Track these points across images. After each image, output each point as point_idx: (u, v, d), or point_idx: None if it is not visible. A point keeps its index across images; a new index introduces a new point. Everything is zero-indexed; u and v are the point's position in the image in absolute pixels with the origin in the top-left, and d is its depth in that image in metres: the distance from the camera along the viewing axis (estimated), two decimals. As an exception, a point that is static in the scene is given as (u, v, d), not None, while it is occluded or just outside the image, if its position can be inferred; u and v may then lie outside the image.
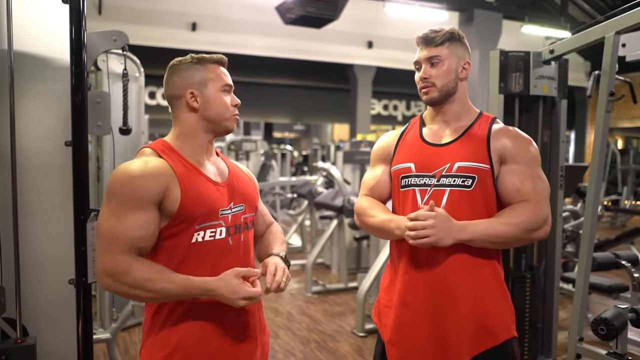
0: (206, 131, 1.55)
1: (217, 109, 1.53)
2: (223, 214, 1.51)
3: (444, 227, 1.56)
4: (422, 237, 1.56)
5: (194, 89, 1.52)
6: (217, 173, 1.57)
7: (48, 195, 1.95)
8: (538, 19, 10.32)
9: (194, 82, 1.53)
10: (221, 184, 1.55)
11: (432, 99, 1.74)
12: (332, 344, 4.22)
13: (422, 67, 1.74)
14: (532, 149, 1.73)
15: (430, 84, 1.72)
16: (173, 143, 1.54)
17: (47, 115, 1.95)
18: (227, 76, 1.58)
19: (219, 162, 1.63)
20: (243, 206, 1.59)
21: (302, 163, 15.11)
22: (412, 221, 1.58)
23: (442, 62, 1.71)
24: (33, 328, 1.90)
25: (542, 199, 1.67)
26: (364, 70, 12.80)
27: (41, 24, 1.93)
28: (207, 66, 1.54)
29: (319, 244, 5.97)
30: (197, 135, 1.55)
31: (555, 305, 3.02)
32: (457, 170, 1.67)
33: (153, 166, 1.44)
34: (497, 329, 1.68)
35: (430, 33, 1.73)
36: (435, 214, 1.56)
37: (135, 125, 3.84)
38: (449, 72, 1.72)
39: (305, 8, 6.54)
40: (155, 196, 1.41)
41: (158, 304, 1.49)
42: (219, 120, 1.55)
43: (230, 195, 1.56)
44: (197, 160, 1.53)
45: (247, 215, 1.61)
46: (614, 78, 2.51)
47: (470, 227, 1.60)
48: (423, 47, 1.74)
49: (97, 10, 8.76)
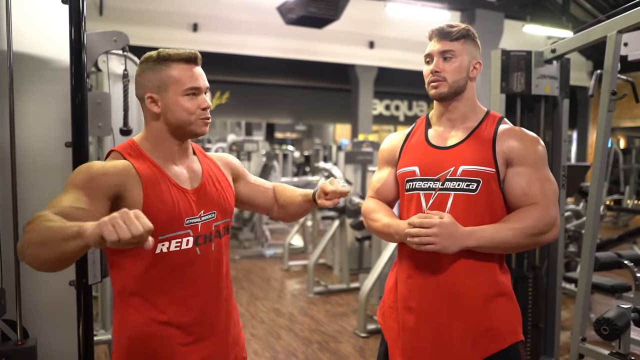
0: (173, 136, 1.46)
1: (179, 115, 1.42)
2: (190, 223, 1.44)
3: (449, 234, 1.53)
4: (425, 244, 1.54)
5: (153, 93, 1.43)
6: (188, 178, 1.49)
7: (48, 197, 1.93)
8: (540, 18, 10.29)
9: (153, 85, 1.42)
10: (190, 191, 1.47)
11: (440, 93, 1.70)
12: (334, 344, 4.21)
13: (435, 60, 1.70)
14: (539, 149, 1.69)
15: (442, 78, 1.68)
16: (142, 144, 1.47)
17: (47, 116, 1.94)
18: (196, 77, 1.44)
19: (194, 163, 1.55)
20: (214, 213, 1.51)
21: (303, 163, 15.08)
22: (416, 228, 1.55)
23: (455, 58, 1.68)
24: (34, 330, 1.89)
25: (550, 201, 1.63)
26: (365, 71, 12.78)
27: (41, 25, 1.93)
28: (171, 66, 1.42)
29: (320, 244, 5.97)
30: (164, 140, 1.46)
31: (557, 305, 3.01)
32: (462, 174, 1.65)
33: (114, 164, 1.39)
34: (504, 332, 1.66)
35: (447, 27, 1.69)
36: (439, 222, 1.53)
37: (135, 126, 3.82)
38: (461, 69, 1.68)
39: (306, 8, 6.53)
40: (112, 187, 1.33)
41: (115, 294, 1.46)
42: (182, 126, 1.44)
43: (200, 203, 1.48)
44: (166, 165, 1.46)
45: (220, 223, 1.54)
46: (616, 77, 2.50)
47: (477, 233, 1.58)
48: (437, 40, 1.70)
49: (98, 11, 8.76)
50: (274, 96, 15.62)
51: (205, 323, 1.50)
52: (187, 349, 1.46)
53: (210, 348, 1.51)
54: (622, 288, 3.71)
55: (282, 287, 6.03)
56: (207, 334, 1.50)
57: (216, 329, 1.53)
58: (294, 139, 22.45)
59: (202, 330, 1.49)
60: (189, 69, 1.44)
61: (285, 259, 6.82)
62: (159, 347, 1.43)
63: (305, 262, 6.51)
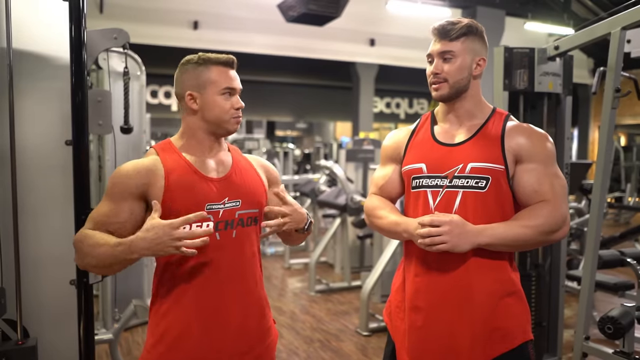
0: (207, 132, 1.58)
1: (215, 112, 1.55)
2: (212, 209, 1.51)
3: (459, 233, 1.51)
4: (437, 244, 1.51)
5: (193, 91, 1.54)
6: (215, 169, 1.58)
7: (48, 195, 1.94)
8: (541, 15, 10.28)
9: (194, 84, 1.55)
10: (216, 179, 1.56)
11: (442, 95, 1.67)
12: (335, 343, 4.20)
13: (435, 61, 1.66)
14: (549, 145, 1.66)
15: (442, 80, 1.65)
16: (175, 142, 1.59)
17: (47, 114, 1.93)
18: (231, 78, 1.57)
19: (225, 157, 1.63)
20: (239, 202, 1.57)
21: (304, 161, 15.06)
22: (426, 227, 1.53)
23: (455, 58, 1.64)
24: (34, 329, 1.89)
25: (560, 198, 1.61)
26: (366, 68, 12.77)
27: (41, 22, 1.92)
28: (210, 68, 1.55)
29: (322, 242, 5.96)
30: (197, 135, 1.58)
31: (560, 304, 3.00)
32: (471, 171, 1.62)
33: (140, 162, 1.52)
34: (513, 332, 1.63)
35: (447, 25, 1.64)
36: (449, 220, 1.51)
37: (136, 124, 3.83)
38: (462, 69, 1.64)
39: (307, 6, 6.52)
40: (133, 188, 1.48)
41: (154, 294, 1.55)
42: (217, 123, 1.56)
43: (224, 190, 1.55)
44: (198, 158, 1.56)
45: (244, 212, 1.58)
46: (620, 74, 2.49)
47: (488, 230, 1.55)
48: (437, 39, 1.65)
49: (98, 9, 8.75)
50: (274, 94, 15.63)
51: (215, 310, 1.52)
52: (199, 333, 1.50)
53: (219, 340, 1.52)
54: (625, 286, 3.70)
55: (283, 285, 6.02)
56: (216, 323, 1.52)
57: (228, 319, 1.53)
58: (295, 137, 22.44)
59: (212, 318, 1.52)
60: (225, 71, 1.56)
61: (286, 257, 6.81)
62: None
63: (307, 260, 6.50)
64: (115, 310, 3.64)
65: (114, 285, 3.59)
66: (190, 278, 1.51)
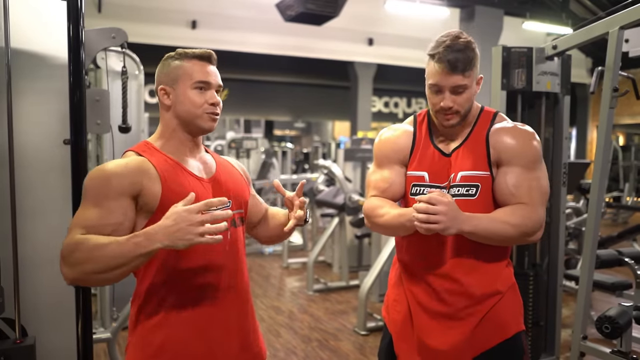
0: (183, 129, 1.50)
1: (185, 106, 1.47)
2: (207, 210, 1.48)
3: (453, 215, 1.50)
4: (432, 222, 1.49)
5: (166, 85, 1.49)
6: (203, 169, 1.54)
7: (46, 194, 1.94)
8: (539, 15, 10.29)
9: (167, 78, 1.49)
10: (206, 180, 1.51)
11: (453, 125, 1.66)
12: (333, 342, 4.20)
13: (446, 94, 1.61)
14: (534, 144, 1.66)
15: (454, 112, 1.63)
16: (155, 142, 1.51)
17: (45, 113, 1.93)
18: (207, 72, 1.49)
19: (207, 158, 1.59)
20: (230, 203, 1.53)
21: (302, 161, 15.05)
22: (424, 203, 1.50)
23: (465, 90, 1.61)
24: (32, 328, 1.88)
25: (537, 203, 1.62)
26: (364, 68, 12.77)
27: (39, 21, 1.91)
28: (185, 61, 1.49)
29: (320, 242, 5.96)
30: (176, 134, 1.51)
31: (558, 303, 3.00)
32: (461, 180, 1.65)
33: (129, 161, 1.42)
34: (508, 322, 1.69)
35: (453, 55, 1.57)
36: (447, 201, 1.50)
37: (135, 123, 3.82)
38: (471, 97, 1.64)
39: (305, 5, 6.52)
40: (127, 187, 1.37)
41: (142, 301, 1.46)
42: (189, 119, 1.48)
43: (215, 191, 1.51)
44: (180, 158, 1.50)
45: (235, 212, 1.55)
46: (618, 74, 2.49)
47: (473, 220, 1.56)
48: (447, 72, 1.58)
49: (96, 8, 8.74)
50: (272, 93, 15.61)
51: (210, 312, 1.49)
52: (194, 335, 1.46)
53: (215, 341, 1.49)
54: (623, 285, 3.71)
55: (281, 284, 6.02)
56: (211, 325, 1.49)
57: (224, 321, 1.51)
58: (293, 136, 22.44)
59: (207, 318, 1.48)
60: (201, 64, 1.49)
61: (284, 256, 6.81)
62: None
63: (305, 259, 6.50)
64: (114, 309, 3.63)
65: (112, 285, 3.58)
66: (192, 282, 1.46)
